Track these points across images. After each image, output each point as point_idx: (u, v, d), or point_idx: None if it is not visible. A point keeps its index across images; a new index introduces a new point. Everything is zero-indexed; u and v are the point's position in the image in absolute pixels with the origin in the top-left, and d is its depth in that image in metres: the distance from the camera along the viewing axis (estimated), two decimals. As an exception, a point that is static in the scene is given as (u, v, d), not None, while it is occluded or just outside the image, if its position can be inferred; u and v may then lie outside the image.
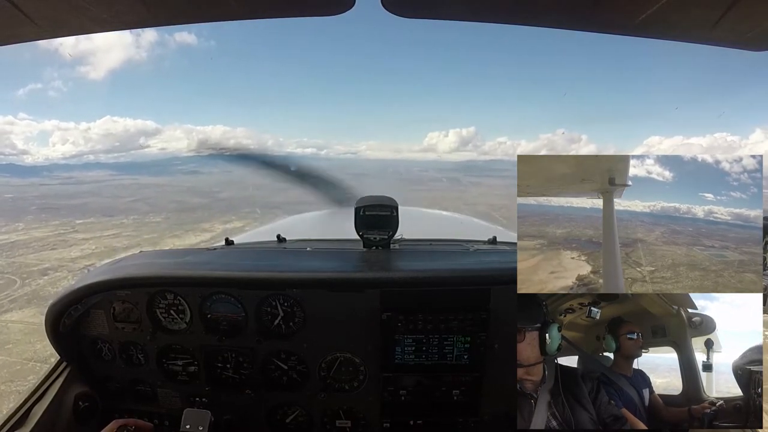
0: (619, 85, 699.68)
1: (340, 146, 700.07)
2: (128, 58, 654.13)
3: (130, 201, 45.96)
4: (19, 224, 27.75)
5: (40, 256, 18.85)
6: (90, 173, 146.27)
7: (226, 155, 3.43)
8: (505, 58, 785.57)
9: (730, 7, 0.81)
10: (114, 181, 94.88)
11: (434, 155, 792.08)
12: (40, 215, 32.94)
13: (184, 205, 39.46)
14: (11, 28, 0.87)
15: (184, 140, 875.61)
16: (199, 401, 1.71)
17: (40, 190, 67.52)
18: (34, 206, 39.23)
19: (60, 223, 28.80)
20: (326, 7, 0.92)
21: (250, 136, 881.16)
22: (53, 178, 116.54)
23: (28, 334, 9.56)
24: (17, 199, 48.82)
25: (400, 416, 1.68)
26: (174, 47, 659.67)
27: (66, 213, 34.97)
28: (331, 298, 1.58)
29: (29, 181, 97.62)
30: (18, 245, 21.19)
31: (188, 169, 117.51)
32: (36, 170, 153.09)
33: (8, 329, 10.17)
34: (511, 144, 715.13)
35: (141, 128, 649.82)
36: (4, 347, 8.97)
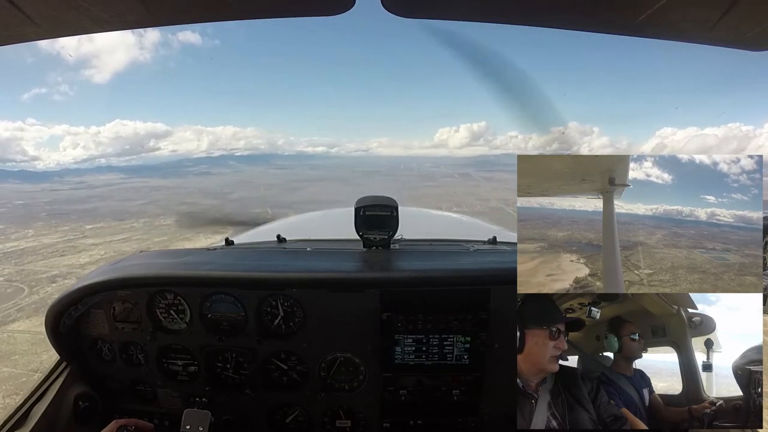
0: (628, 82, 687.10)
1: (351, 144, 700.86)
2: (133, 60, 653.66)
3: (140, 204, 45.96)
4: (29, 231, 27.58)
5: (49, 263, 18.78)
6: (101, 177, 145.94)
7: (236, 155, 3.41)
8: (510, 55, 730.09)
9: (730, 7, 0.81)
10: (125, 184, 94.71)
11: (445, 151, 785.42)
12: (50, 221, 32.84)
13: (195, 207, 39.48)
14: (11, 28, 0.87)
15: (195, 141, 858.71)
16: (199, 401, 1.70)
17: (51, 196, 67.45)
18: (45, 212, 39.15)
19: (70, 229, 28.69)
20: (326, 7, 0.92)
21: (260, 136, 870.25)
22: (64, 183, 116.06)
23: (34, 344, 9.48)
24: (28, 206, 48.78)
25: (400, 416, 1.68)
26: (179, 48, 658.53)
27: (76, 218, 34.91)
28: (331, 298, 1.58)
29: (40, 187, 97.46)
30: (27, 252, 21.06)
31: (199, 170, 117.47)
32: (47, 175, 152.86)
33: (15, 339, 10.08)
34: (522, 138, 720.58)
35: (151, 130, 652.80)
36: (10, 358, 8.91)
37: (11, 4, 0.78)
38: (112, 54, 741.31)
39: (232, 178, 51.68)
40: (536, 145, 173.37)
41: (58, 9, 0.84)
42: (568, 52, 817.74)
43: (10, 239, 24.79)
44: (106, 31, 0.91)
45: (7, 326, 11.02)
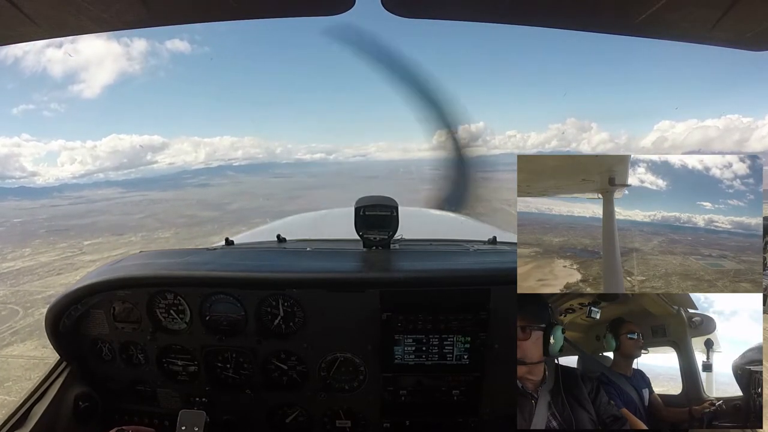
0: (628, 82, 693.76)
1: (349, 149, 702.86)
2: (124, 72, 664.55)
3: (139, 218, 45.58)
4: (27, 249, 26.99)
5: (45, 283, 18.40)
6: (100, 191, 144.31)
7: (235, 165, 3.40)
8: (510, 54, 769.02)
9: (730, 7, 0.81)
10: (124, 198, 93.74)
11: (444, 153, 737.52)
12: (48, 238, 32.36)
13: (194, 219, 39.13)
14: (11, 28, 0.87)
15: (192, 153, 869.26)
16: (199, 401, 1.70)
17: (49, 212, 66.65)
18: (43, 229, 38.71)
19: (68, 245, 28.23)
20: (326, 7, 0.92)
21: (258, 145, 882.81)
22: (64, 199, 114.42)
23: (28, 369, 9.20)
24: (26, 223, 48.18)
25: (400, 416, 1.68)
26: (172, 58, 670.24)
27: (75, 234, 34.50)
28: (331, 298, 1.58)
29: (40, 203, 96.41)
30: (23, 272, 20.59)
31: (198, 182, 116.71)
32: (47, 191, 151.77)
33: (8, 365, 9.77)
34: (521, 137, 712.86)
35: (147, 143, 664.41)
36: (3, 385, 8.66)
37: (11, 4, 0.78)
38: (101, 66, 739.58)
39: (231, 188, 51.37)
40: (535, 143, 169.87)
41: (58, 9, 0.84)
42: (568, 51, 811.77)
43: (7, 259, 24.17)
44: (106, 31, 0.91)
45: (1, 351, 10.75)
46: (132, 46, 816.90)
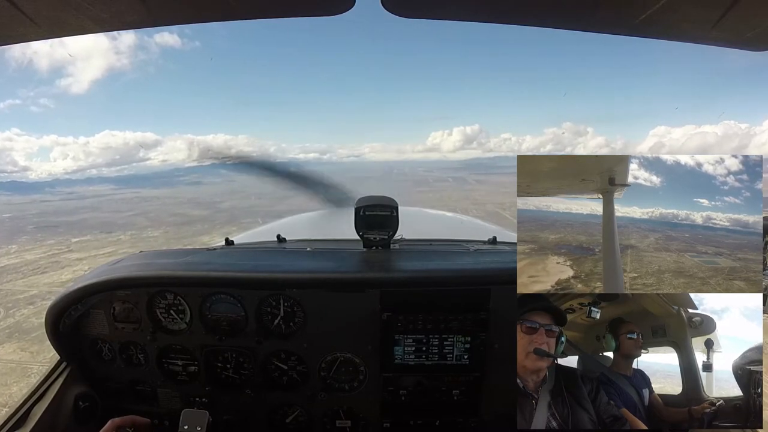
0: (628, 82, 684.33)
1: (343, 150, 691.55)
2: (118, 68, 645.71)
3: (129, 215, 45.00)
4: (13, 246, 26.04)
5: (29, 282, 17.62)
6: (92, 188, 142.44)
7: (228, 164, 3.41)
8: (508, 55, 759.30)
9: (730, 7, 0.81)
10: (115, 195, 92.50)
11: (438, 155, 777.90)
12: (36, 235, 31.57)
13: (184, 218, 38.67)
14: (11, 28, 0.87)
15: (185, 151, 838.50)
16: (199, 401, 1.70)
17: (39, 207, 65.63)
18: (32, 225, 37.96)
19: (55, 243, 27.41)
20: (326, 7, 0.92)
21: (252, 144, 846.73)
22: (55, 194, 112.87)
23: (4, 374, 8.72)
24: (15, 219, 47.30)
25: (400, 416, 1.68)
26: (168, 56, 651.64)
27: (64, 230, 33.64)
28: (331, 298, 1.58)
29: (30, 198, 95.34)
30: (8, 270, 19.71)
31: (191, 180, 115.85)
32: (39, 186, 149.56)
33: None
34: (516, 140, 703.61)
35: (140, 140, 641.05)
36: None
37: (11, 4, 0.78)
38: (92, 60, 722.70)
39: (224, 187, 50.70)
40: (530, 147, 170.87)
41: (58, 9, 0.84)
42: (568, 52, 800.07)
43: (-9, 257, 23.66)
44: (106, 31, 0.91)
45: (-22, 355, 10.22)
46: (120, 39, 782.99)
